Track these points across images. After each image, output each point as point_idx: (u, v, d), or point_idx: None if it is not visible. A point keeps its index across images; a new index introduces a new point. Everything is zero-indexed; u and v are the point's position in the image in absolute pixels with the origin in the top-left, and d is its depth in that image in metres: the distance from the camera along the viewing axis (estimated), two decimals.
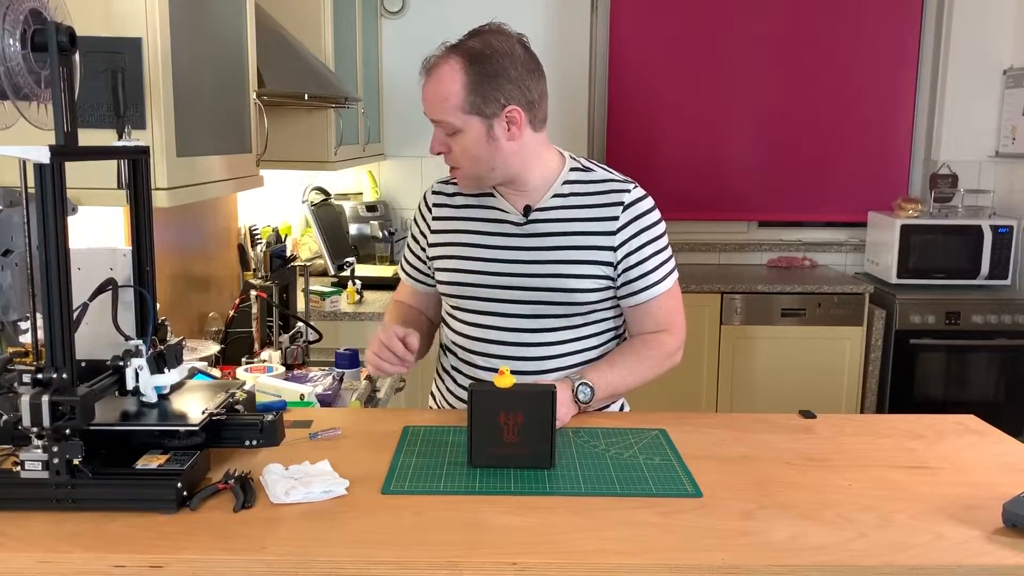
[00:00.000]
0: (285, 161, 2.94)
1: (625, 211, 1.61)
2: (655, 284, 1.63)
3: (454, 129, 1.54)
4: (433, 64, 1.55)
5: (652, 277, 1.63)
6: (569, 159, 1.67)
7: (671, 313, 1.68)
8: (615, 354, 1.66)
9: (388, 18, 4.09)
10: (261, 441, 1.30)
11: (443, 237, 1.70)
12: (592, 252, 1.60)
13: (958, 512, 1.18)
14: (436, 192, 1.75)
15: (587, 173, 1.66)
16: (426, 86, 1.56)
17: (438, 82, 1.54)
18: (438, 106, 1.54)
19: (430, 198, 1.75)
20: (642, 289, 1.63)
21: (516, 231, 1.63)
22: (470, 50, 1.53)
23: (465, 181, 1.63)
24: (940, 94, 4.15)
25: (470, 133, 1.54)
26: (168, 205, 1.60)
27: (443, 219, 1.71)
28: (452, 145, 1.56)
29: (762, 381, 3.81)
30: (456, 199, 1.71)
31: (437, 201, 1.73)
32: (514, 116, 1.54)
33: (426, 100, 1.56)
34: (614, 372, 1.60)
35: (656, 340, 1.66)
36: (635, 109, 4.22)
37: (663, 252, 1.65)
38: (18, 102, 1.16)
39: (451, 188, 1.72)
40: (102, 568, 1.04)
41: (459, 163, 1.59)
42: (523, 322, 1.62)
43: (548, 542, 1.09)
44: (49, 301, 1.11)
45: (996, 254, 3.84)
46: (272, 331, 2.32)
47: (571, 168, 1.65)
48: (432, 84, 1.55)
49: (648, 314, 1.65)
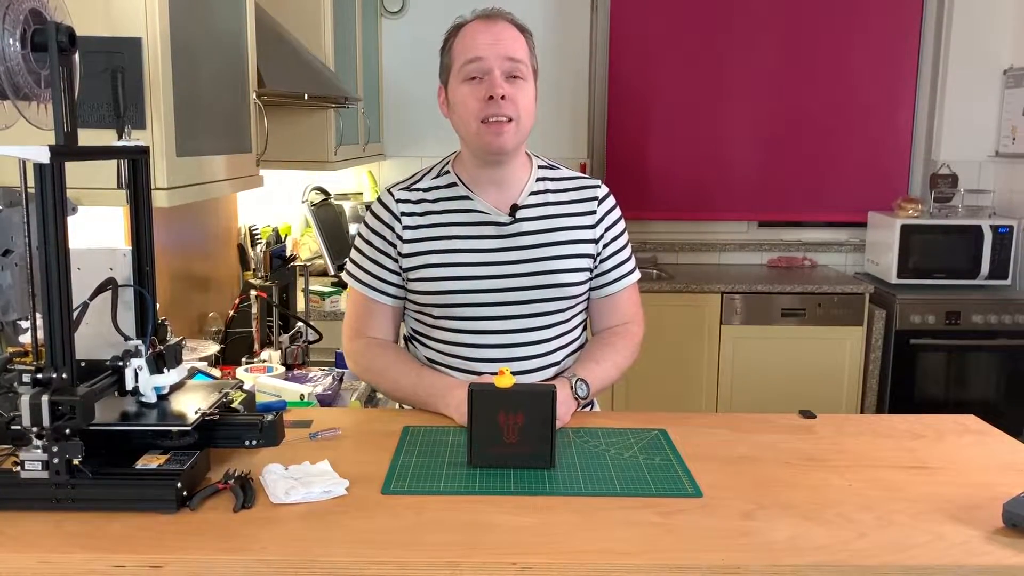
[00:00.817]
0: (285, 161, 2.94)
1: (600, 205, 1.68)
2: (625, 276, 1.71)
3: (523, 72, 1.53)
4: (494, 17, 1.54)
5: (623, 268, 1.71)
6: (534, 156, 1.70)
7: (635, 305, 1.74)
8: (595, 350, 1.68)
9: (388, 18, 4.09)
10: (261, 441, 1.30)
11: (419, 246, 1.61)
12: (578, 246, 1.64)
13: (958, 512, 1.18)
14: (401, 200, 1.63)
15: (554, 171, 1.70)
16: (495, 27, 1.52)
17: (510, 28, 1.53)
18: (518, 43, 1.53)
19: (395, 207, 1.62)
20: (614, 280, 1.70)
21: (501, 232, 1.61)
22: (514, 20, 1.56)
23: (512, 137, 1.54)
24: (940, 94, 4.15)
25: (531, 85, 1.56)
26: (168, 205, 1.60)
27: (415, 227, 1.62)
28: (515, 92, 1.53)
29: (762, 381, 3.81)
30: (422, 205, 1.63)
31: (405, 209, 1.62)
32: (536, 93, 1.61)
33: (501, 37, 1.51)
34: (600, 368, 1.63)
35: (627, 331, 1.72)
36: (635, 109, 4.22)
37: (628, 246, 1.74)
38: (18, 102, 1.16)
39: (416, 195, 1.64)
40: (102, 568, 1.04)
41: (519, 116, 1.53)
42: (517, 322, 1.62)
43: (548, 542, 1.09)
44: (49, 301, 1.11)
45: (996, 254, 3.84)
46: (272, 331, 2.32)
47: (539, 166, 1.68)
48: (504, 27, 1.53)
49: (617, 305, 1.71)
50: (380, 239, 1.64)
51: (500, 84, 1.51)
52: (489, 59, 1.51)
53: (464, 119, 1.56)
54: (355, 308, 1.69)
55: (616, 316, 1.72)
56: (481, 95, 1.52)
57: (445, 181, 1.65)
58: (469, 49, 1.53)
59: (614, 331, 1.71)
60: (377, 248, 1.64)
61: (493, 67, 1.51)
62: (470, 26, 1.55)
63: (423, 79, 3.95)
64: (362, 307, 1.67)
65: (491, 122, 1.52)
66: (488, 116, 1.52)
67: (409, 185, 1.67)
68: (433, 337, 1.66)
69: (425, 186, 1.66)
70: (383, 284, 1.65)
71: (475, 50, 1.52)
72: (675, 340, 3.77)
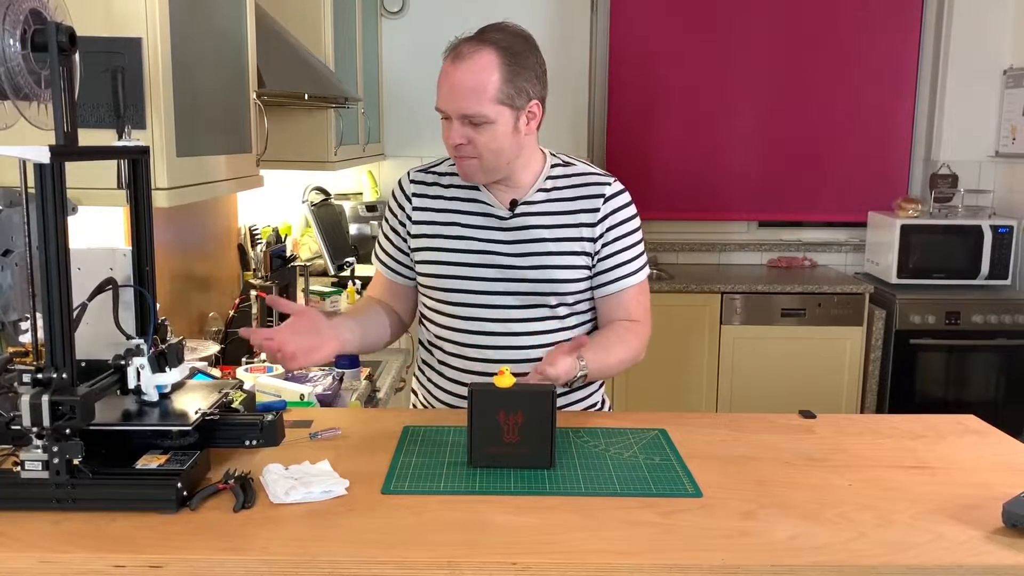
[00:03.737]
0: (285, 161, 2.94)
1: (606, 203, 1.66)
2: (627, 276, 1.68)
3: (485, 120, 1.52)
4: (465, 53, 1.52)
5: (625, 268, 1.68)
6: (550, 155, 1.70)
7: (640, 306, 1.71)
8: (603, 339, 1.64)
9: (388, 18, 4.09)
10: (261, 441, 1.30)
11: (426, 228, 1.67)
12: (575, 243, 1.64)
13: (958, 512, 1.18)
14: (415, 181, 1.70)
15: (568, 168, 1.69)
16: (455, 75, 1.52)
17: (473, 71, 1.51)
18: (473, 96, 1.51)
19: (408, 187, 1.70)
20: (614, 280, 1.67)
21: (501, 225, 1.64)
22: (500, 42, 1.53)
23: (477, 174, 1.59)
24: (940, 94, 4.15)
25: (500, 125, 1.54)
26: (168, 205, 1.60)
27: (424, 210, 1.68)
28: (476, 137, 1.54)
29: (762, 381, 3.81)
30: (434, 189, 1.68)
31: (417, 191, 1.69)
32: (534, 111, 1.58)
33: (456, 90, 1.52)
34: (607, 356, 1.61)
35: (636, 327, 1.69)
36: (635, 109, 4.22)
37: (637, 246, 1.70)
38: (18, 102, 1.16)
39: (431, 178, 1.70)
40: (102, 568, 1.04)
41: (480, 155, 1.56)
42: (511, 313, 1.63)
43: (548, 542, 1.09)
44: (49, 301, 1.11)
45: (996, 254, 3.84)
46: None
47: (552, 164, 1.68)
48: (465, 73, 1.51)
49: (619, 305, 1.69)
50: (394, 218, 1.72)
51: (456, 133, 1.55)
52: (448, 112, 1.55)
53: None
54: (373, 280, 1.82)
55: (618, 315, 1.70)
56: (446, 135, 1.58)
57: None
58: (438, 94, 1.56)
59: (626, 325, 1.68)
60: (391, 227, 1.73)
61: (452, 116, 1.55)
62: (446, 61, 1.56)
63: (423, 79, 3.94)
64: (375, 279, 1.80)
65: (458, 157, 1.59)
66: (455, 154, 1.59)
67: (428, 168, 1.72)
68: (434, 320, 1.71)
69: (443, 170, 1.70)
70: (393, 262, 1.74)
71: (439, 101, 1.56)
72: (675, 340, 3.77)
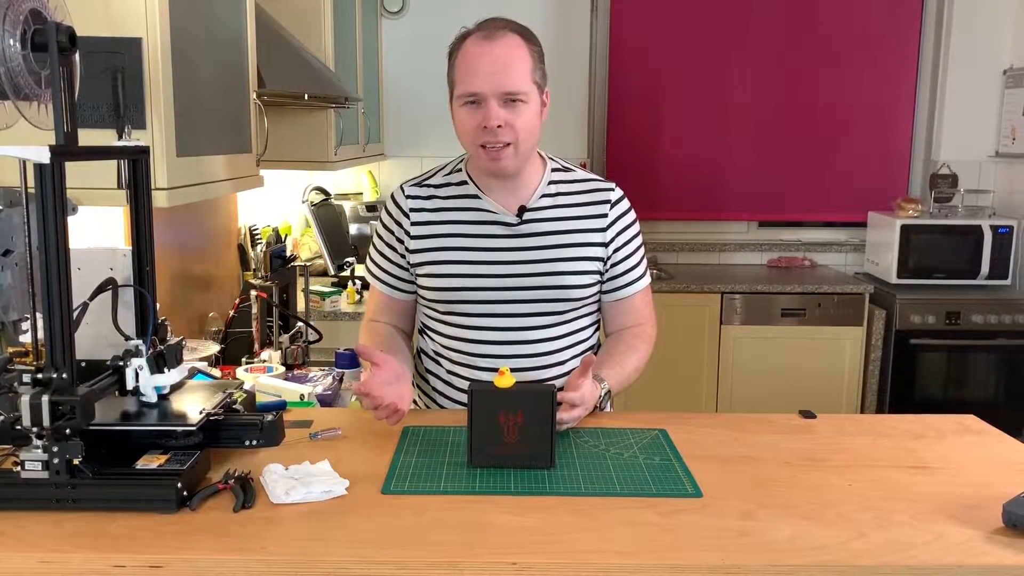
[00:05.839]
0: (285, 161, 2.94)
1: (612, 208, 1.67)
2: (638, 279, 1.71)
3: (523, 98, 1.51)
4: (496, 34, 1.51)
5: (635, 272, 1.70)
6: (548, 159, 1.69)
7: (648, 307, 1.75)
8: (615, 352, 1.67)
9: (388, 18, 4.09)
10: (261, 441, 1.30)
11: (428, 243, 1.64)
12: (586, 248, 1.64)
13: (958, 512, 1.18)
14: (411, 196, 1.66)
15: (568, 173, 1.69)
16: (495, 50, 1.50)
17: (510, 46, 1.51)
18: (516, 71, 1.50)
19: (405, 203, 1.66)
20: (627, 284, 1.69)
21: (509, 232, 1.62)
22: (516, 28, 1.55)
23: (510, 160, 1.55)
24: (940, 94, 4.15)
25: (532, 104, 1.54)
26: (168, 205, 1.60)
27: (424, 224, 1.65)
28: (513, 119, 1.51)
29: (762, 381, 3.81)
30: (433, 202, 1.66)
31: (415, 206, 1.66)
32: (546, 99, 1.60)
33: (499, 65, 1.49)
34: (623, 369, 1.64)
35: (644, 332, 1.72)
36: (635, 109, 4.22)
37: (641, 250, 1.74)
38: (18, 102, 1.16)
39: (427, 191, 1.67)
40: (102, 568, 1.04)
41: (517, 138, 1.52)
42: (522, 320, 1.63)
43: (548, 542, 1.09)
44: (49, 301, 1.11)
45: (996, 254, 3.84)
46: (272, 331, 2.32)
47: (553, 168, 1.68)
48: (504, 49, 1.50)
49: (631, 308, 1.71)
50: (390, 235, 1.69)
51: (495, 115, 1.50)
52: (485, 92, 1.50)
53: (463, 141, 1.58)
54: (371, 298, 1.77)
55: (629, 319, 1.72)
56: (477, 122, 1.52)
57: (457, 179, 1.67)
58: (467, 77, 1.51)
59: (633, 332, 1.70)
60: (387, 243, 1.70)
61: (489, 97, 1.50)
62: (471, 43, 1.52)
63: (423, 79, 3.95)
64: (375, 298, 1.76)
65: (488, 148, 1.53)
66: (485, 143, 1.53)
67: (421, 181, 1.70)
68: (439, 331, 1.69)
69: (437, 182, 1.68)
70: (392, 279, 1.71)
71: (472, 83, 1.50)
72: (675, 340, 3.76)
